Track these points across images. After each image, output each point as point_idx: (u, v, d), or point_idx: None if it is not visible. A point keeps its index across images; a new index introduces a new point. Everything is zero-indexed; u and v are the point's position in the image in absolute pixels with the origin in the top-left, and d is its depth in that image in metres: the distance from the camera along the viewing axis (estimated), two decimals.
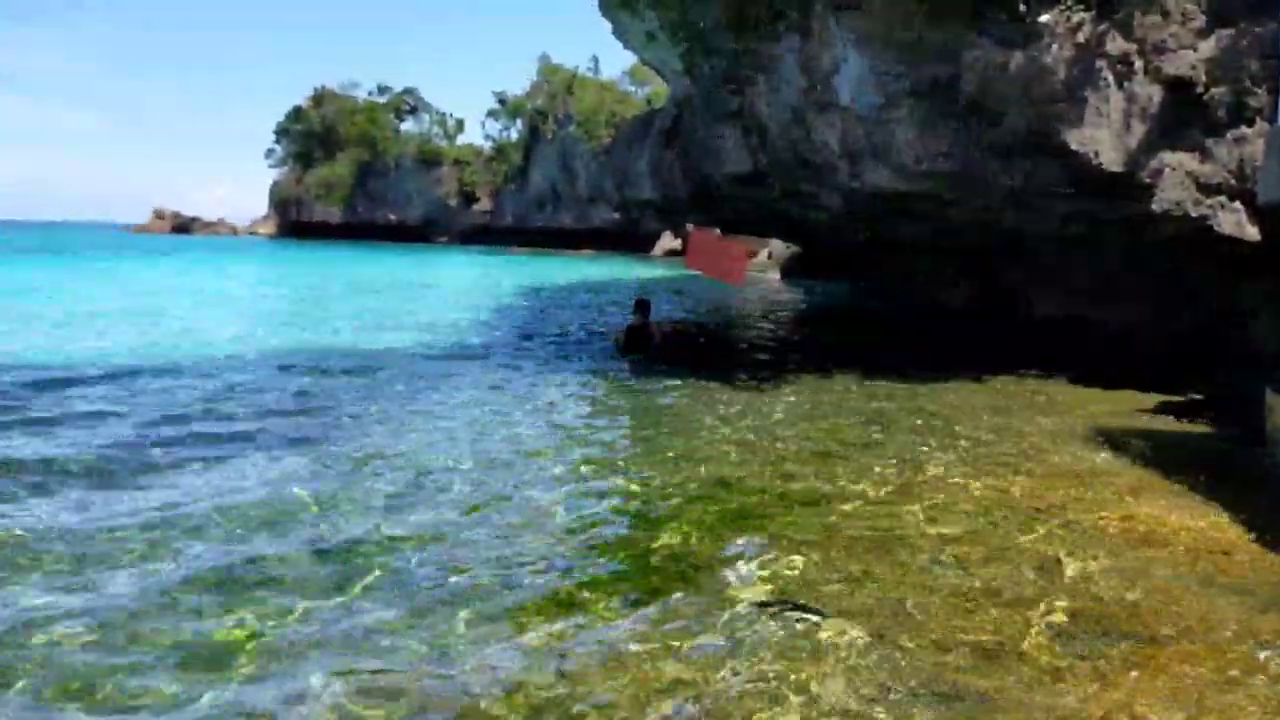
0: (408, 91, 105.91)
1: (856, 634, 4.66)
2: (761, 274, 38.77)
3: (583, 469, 8.12)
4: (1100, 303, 14.23)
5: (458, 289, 32.74)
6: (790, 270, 37.16)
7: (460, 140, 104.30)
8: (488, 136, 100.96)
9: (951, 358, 13.84)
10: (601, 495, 7.28)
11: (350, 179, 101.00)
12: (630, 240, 71.60)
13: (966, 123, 12.35)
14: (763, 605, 4.98)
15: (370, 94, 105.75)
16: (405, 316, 22.26)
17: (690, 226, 21.91)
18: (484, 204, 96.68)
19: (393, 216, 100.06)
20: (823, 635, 4.66)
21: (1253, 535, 6.04)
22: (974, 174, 12.45)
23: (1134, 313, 13.64)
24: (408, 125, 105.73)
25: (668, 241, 68.62)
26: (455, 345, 16.71)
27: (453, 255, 69.01)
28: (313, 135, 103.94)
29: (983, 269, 17.53)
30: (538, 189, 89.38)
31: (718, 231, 19.60)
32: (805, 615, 4.83)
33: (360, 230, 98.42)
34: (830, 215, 16.32)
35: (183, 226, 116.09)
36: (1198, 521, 6.35)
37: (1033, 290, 15.85)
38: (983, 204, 13.00)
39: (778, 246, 41.86)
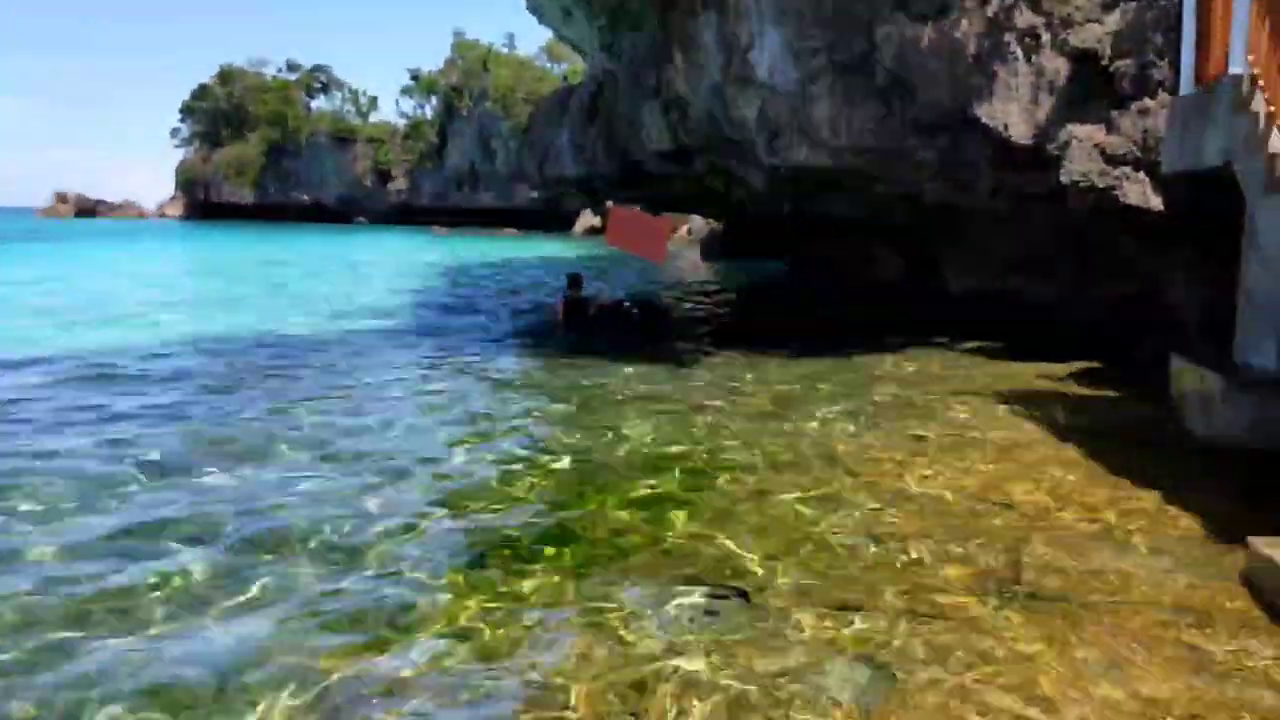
0: (318, 69, 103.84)
1: (778, 604, 4.76)
2: (682, 251, 38.90)
3: (510, 443, 8.12)
4: (1027, 275, 14.45)
5: (383, 270, 32.26)
6: (710, 247, 37.35)
7: (374, 118, 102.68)
8: (402, 114, 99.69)
9: (874, 333, 14.05)
10: (527, 469, 7.30)
11: (261, 159, 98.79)
12: (552, 219, 71.27)
13: (887, 98, 12.52)
14: (684, 582, 5.03)
15: (279, 71, 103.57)
16: (332, 299, 21.87)
17: (610, 204, 21.90)
18: (400, 183, 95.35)
19: (305, 197, 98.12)
20: (743, 613, 4.73)
21: (1159, 497, 6.26)
22: (896, 148, 12.64)
23: (1063, 284, 13.87)
24: (319, 103, 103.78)
25: (588, 220, 68.45)
26: (384, 325, 16.53)
27: (373, 236, 67.98)
28: (219, 114, 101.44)
29: (908, 243, 17.78)
30: (455, 167, 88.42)
31: (638, 208, 19.62)
32: (725, 595, 4.88)
33: (273, 212, 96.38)
34: (754, 192, 16.42)
35: (87, 210, 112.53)
36: (1111, 489, 6.55)
37: (961, 264, 16.06)
38: (910, 179, 13.16)
39: (697, 223, 42.01)
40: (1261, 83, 6.78)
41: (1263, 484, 6.29)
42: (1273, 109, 6.58)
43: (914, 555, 5.39)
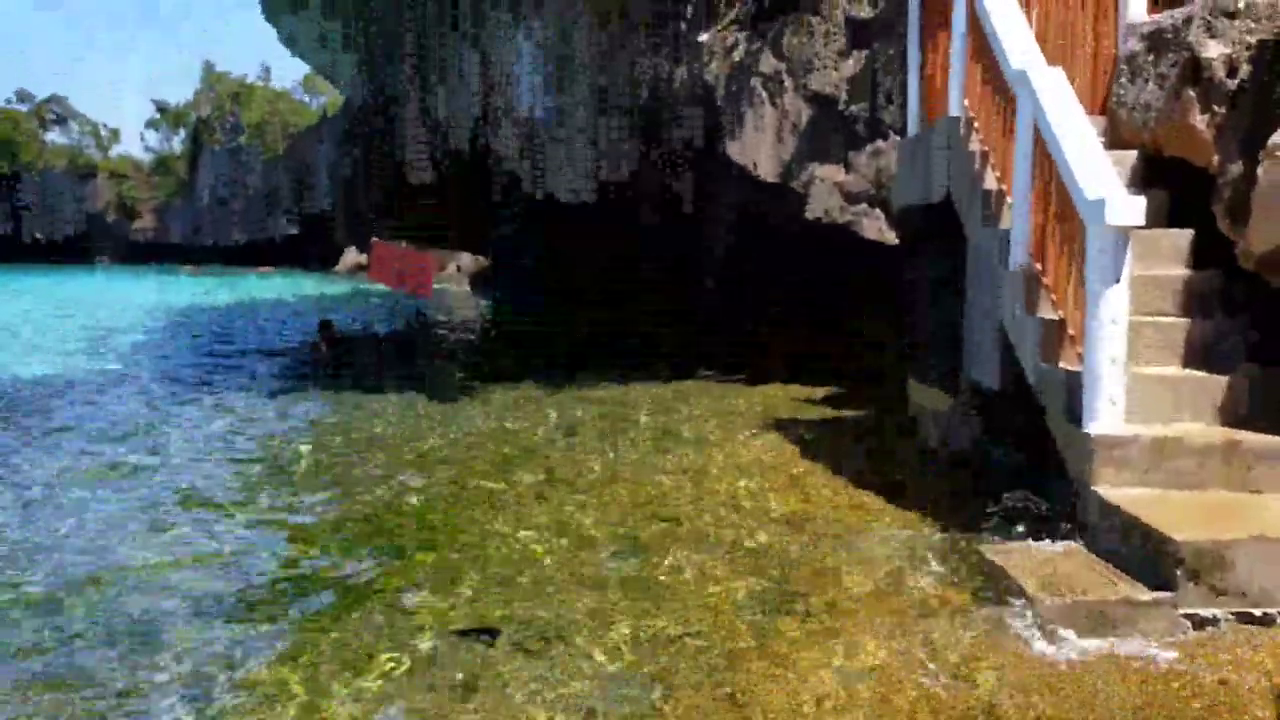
0: (53, 99, 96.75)
1: (528, 643, 4.74)
2: (450, 287, 38.51)
3: (266, 488, 7.81)
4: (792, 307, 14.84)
5: (131, 315, 30.08)
6: (480, 282, 37.12)
7: (116, 152, 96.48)
8: (147, 148, 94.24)
9: (638, 364, 14.23)
10: (278, 519, 7.05)
11: None
12: (313, 256, 68.85)
13: (644, 135, 12.86)
14: (447, 632, 4.94)
15: (8, 102, 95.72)
16: (73, 345, 20.19)
17: (374, 239, 21.49)
18: (147, 220, 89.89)
19: (40, 235, 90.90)
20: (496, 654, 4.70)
21: (899, 502, 6.65)
22: (650, 184, 13.00)
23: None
24: (54, 136, 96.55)
25: (353, 257, 66.55)
26: (134, 372, 15.48)
27: (118, 278, 63.62)
28: None
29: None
30: (207, 204, 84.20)
31: (404, 244, 19.32)
32: (481, 638, 4.84)
33: (5, 250, 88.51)
34: (516, 224, 16.49)
35: None
36: (859, 498, 6.91)
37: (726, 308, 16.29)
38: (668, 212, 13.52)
39: (466, 260, 41.75)
40: (977, 124, 7.38)
41: (989, 491, 6.77)
42: (986, 149, 7.17)
43: (675, 575, 5.51)
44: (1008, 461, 6.93)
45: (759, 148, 11.94)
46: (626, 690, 4.20)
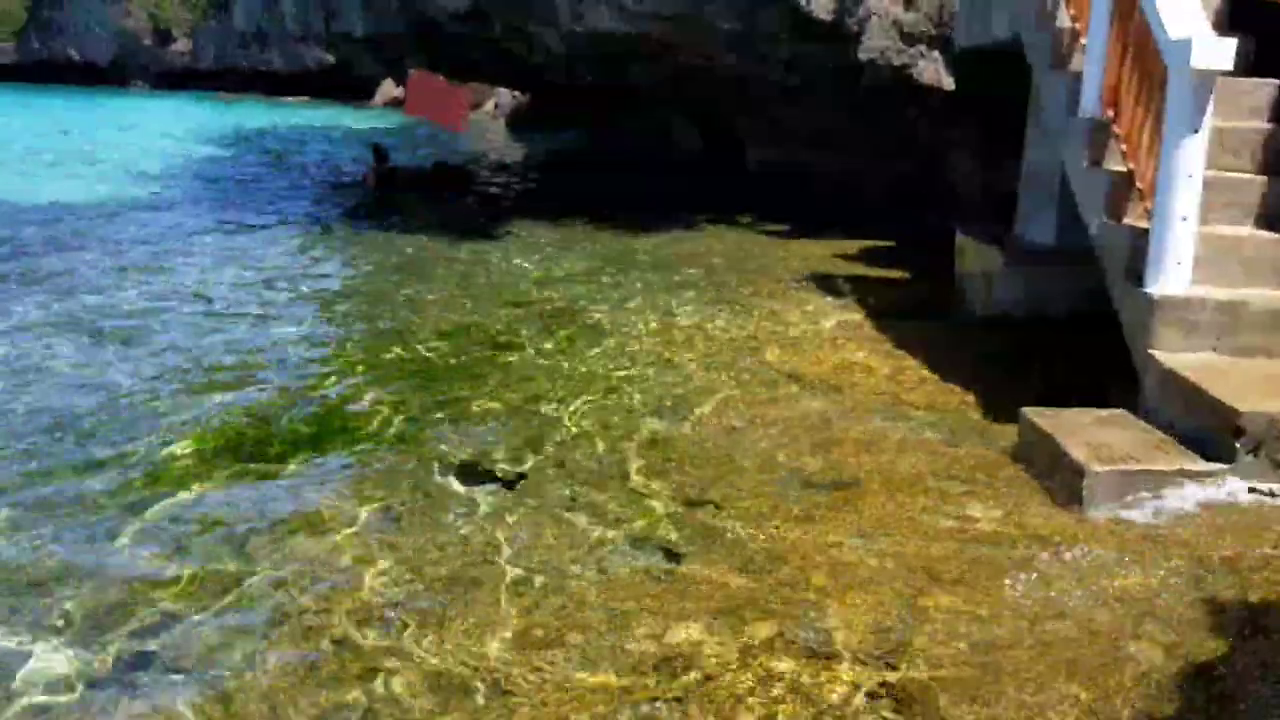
0: None
1: (555, 490, 4.65)
2: (487, 124, 37.73)
3: (314, 315, 7.89)
4: (819, 150, 14.47)
5: (174, 139, 29.80)
6: (516, 120, 36.30)
7: None
8: None
9: (679, 206, 13.82)
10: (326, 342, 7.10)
11: (21, 8, 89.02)
12: (348, 86, 67.38)
13: None
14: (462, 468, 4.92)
15: None
16: (116, 166, 19.96)
17: (411, 70, 20.86)
18: (182, 43, 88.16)
19: (74, 53, 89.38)
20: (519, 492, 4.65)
21: (939, 373, 6.35)
22: (696, 17, 12.33)
23: (853, 160, 13.93)
24: None
25: (390, 89, 65.06)
26: (181, 195, 15.41)
27: (157, 102, 62.80)
28: None
29: (710, 117, 17.59)
30: (241, 25, 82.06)
31: (440, 76, 18.72)
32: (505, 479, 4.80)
33: (37, 72, 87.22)
34: (554, 58, 15.85)
35: None
36: (895, 362, 6.62)
37: (757, 138, 15.95)
38: (707, 49, 12.92)
39: (504, 97, 40.75)
40: None
41: (1038, 356, 6.50)
42: None
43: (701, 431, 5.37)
44: (1058, 325, 6.67)
45: None
46: None
